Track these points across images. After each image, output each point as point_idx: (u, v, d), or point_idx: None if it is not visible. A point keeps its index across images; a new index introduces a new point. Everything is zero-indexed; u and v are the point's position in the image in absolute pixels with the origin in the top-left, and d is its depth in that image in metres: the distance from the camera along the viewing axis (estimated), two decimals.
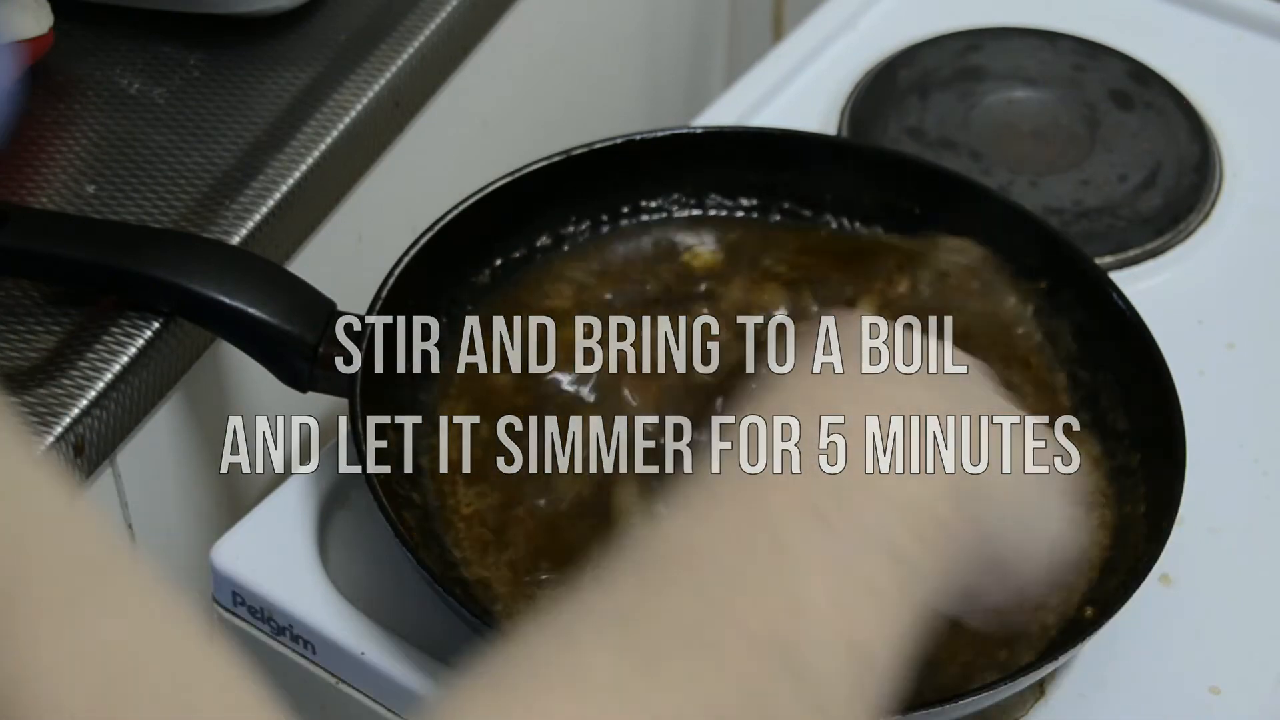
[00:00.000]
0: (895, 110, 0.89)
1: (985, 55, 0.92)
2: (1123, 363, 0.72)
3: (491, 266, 0.76)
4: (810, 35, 0.94)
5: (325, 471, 0.71)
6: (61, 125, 0.79)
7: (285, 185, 0.77)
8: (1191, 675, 0.66)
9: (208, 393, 0.76)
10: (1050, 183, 0.86)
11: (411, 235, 0.72)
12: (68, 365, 0.69)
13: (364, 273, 0.71)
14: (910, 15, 0.96)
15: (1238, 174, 0.87)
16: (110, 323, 0.70)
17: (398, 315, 0.70)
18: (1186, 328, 0.79)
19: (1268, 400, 0.77)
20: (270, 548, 0.68)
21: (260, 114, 0.80)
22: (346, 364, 0.68)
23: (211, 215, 0.75)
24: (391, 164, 0.84)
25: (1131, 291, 0.73)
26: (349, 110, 0.80)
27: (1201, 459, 0.67)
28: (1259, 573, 0.70)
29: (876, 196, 0.78)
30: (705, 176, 0.79)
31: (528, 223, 0.76)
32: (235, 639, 0.69)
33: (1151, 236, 0.83)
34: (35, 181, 0.77)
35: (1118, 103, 0.90)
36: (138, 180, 0.77)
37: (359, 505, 0.70)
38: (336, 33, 0.84)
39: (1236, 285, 0.82)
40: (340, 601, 0.67)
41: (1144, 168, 0.86)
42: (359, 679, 0.66)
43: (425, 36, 0.84)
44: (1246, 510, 0.72)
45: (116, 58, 0.83)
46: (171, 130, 0.79)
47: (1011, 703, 0.65)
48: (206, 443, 0.78)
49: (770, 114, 0.89)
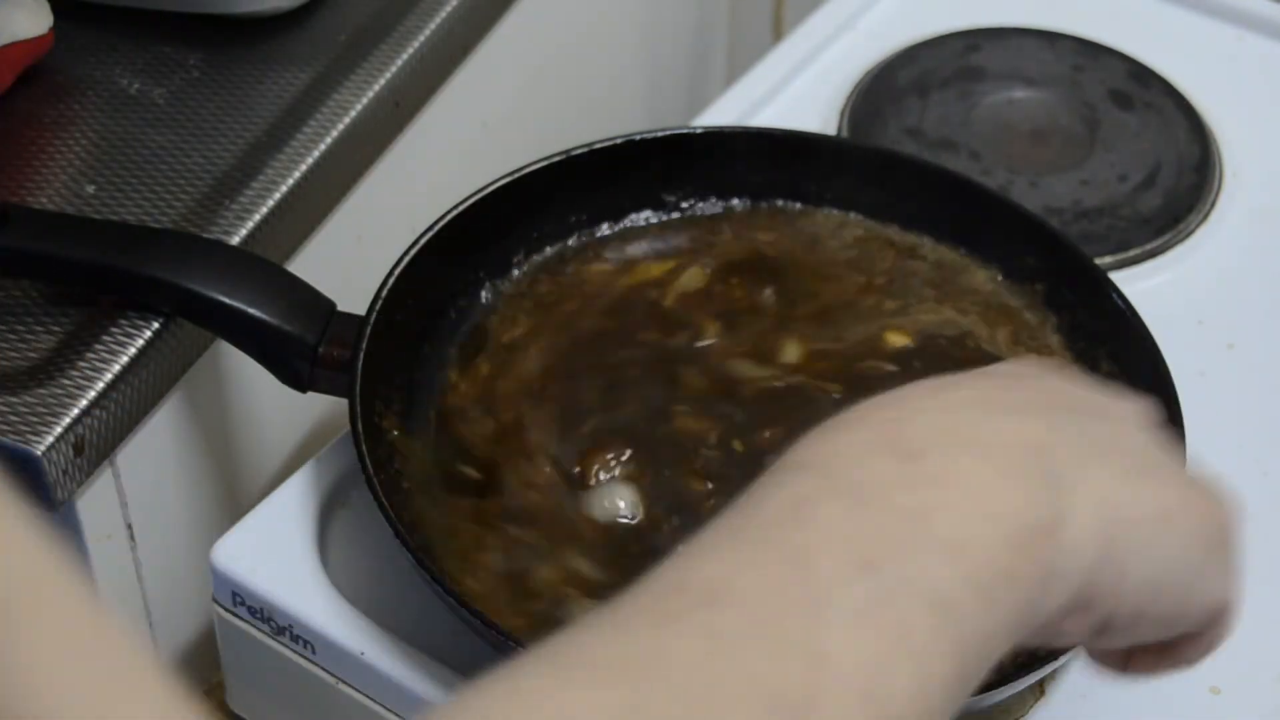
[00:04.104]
0: (895, 110, 0.89)
1: (985, 55, 0.92)
2: (1123, 363, 0.72)
3: (492, 267, 0.76)
4: (810, 35, 0.94)
5: (325, 471, 0.71)
6: (61, 125, 0.79)
7: (285, 185, 0.77)
8: (1191, 675, 0.66)
9: (208, 393, 0.76)
10: (1050, 183, 0.86)
11: (411, 235, 0.72)
12: (68, 365, 0.69)
13: (364, 273, 0.71)
14: (910, 15, 0.96)
15: (1238, 174, 0.87)
16: (110, 323, 0.70)
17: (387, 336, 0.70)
18: (1186, 328, 0.79)
19: (1268, 400, 0.77)
20: (270, 548, 0.68)
21: (260, 114, 0.80)
22: (346, 364, 0.68)
23: (211, 215, 0.75)
24: (391, 164, 0.84)
25: (1131, 291, 0.73)
26: (349, 110, 0.80)
27: (1201, 459, 0.67)
28: (1259, 573, 0.70)
29: (876, 196, 0.78)
30: (705, 176, 0.79)
31: (527, 223, 0.76)
32: (235, 639, 0.69)
33: (1151, 236, 0.83)
34: (35, 181, 0.77)
35: (1118, 103, 0.90)
36: (138, 180, 0.77)
37: (359, 505, 0.70)
38: (336, 33, 0.84)
39: (1236, 285, 0.82)
40: (340, 601, 0.66)
41: (1144, 168, 0.86)
42: (359, 679, 0.66)
43: (425, 36, 0.84)
44: (1246, 511, 0.72)
45: (116, 58, 0.83)
46: (171, 130, 0.79)
47: (1011, 703, 0.65)
48: (206, 443, 0.78)
49: (770, 114, 0.90)
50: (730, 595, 0.39)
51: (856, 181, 0.78)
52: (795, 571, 0.40)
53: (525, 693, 0.37)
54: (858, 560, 0.40)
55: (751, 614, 0.39)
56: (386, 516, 0.63)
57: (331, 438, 0.72)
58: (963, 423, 0.44)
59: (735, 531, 0.42)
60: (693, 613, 0.39)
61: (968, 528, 0.42)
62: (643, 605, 0.40)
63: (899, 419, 0.44)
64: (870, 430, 0.44)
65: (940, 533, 0.41)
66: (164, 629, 0.78)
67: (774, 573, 0.40)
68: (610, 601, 0.40)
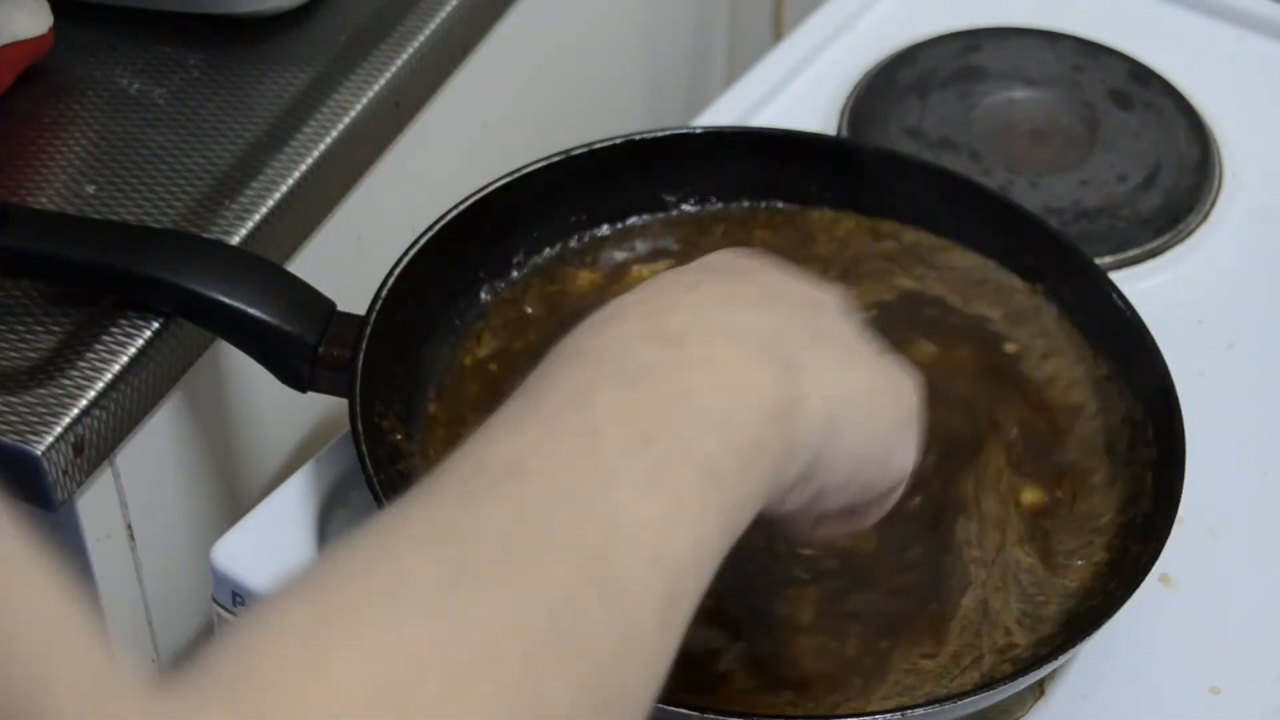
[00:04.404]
0: (895, 110, 0.89)
1: (985, 55, 0.92)
2: (1122, 363, 0.72)
3: (492, 267, 0.76)
4: (810, 35, 0.94)
5: (325, 471, 0.71)
6: (61, 125, 0.79)
7: (285, 185, 0.77)
8: (1191, 675, 0.66)
9: (208, 393, 0.77)
10: (1050, 183, 0.86)
11: (411, 235, 0.72)
12: (68, 365, 0.69)
13: (364, 273, 0.71)
14: (910, 15, 0.96)
15: (1238, 174, 0.87)
16: (110, 323, 0.70)
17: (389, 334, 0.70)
18: (1186, 328, 0.79)
19: (1268, 400, 0.77)
20: (270, 548, 0.68)
21: (260, 114, 0.80)
22: (346, 364, 0.68)
23: (211, 215, 0.75)
24: (391, 164, 0.84)
25: (1131, 291, 0.73)
26: (349, 110, 0.80)
27: (1201, 459, 0.67)
28: (1259, 573, 0.70)
29: (876, 196, 0.78)
30: (705, 176, 0.79)
31: (527, 223, 0.76)
32: None
33: (1151, 236, 0.83)
34: (35, 181, 0.77)
35: (1117, 103, 0.90)
36: (138, 180, 0.77)
37: (359, 505, 0.70)
38: (336, 33, 0.84)
39: (1236, 285, 0.82)
40: None
41: (1144, 168, 0.86)
42: None
43: (425, 36, 0.84)
44: (1246, 510, 0.72)
45: (116, 58, 0.83)
46: (171, 130, 0.79)
47: (1011, 703, 0.65)
48: (206, 443, 0.78)
49: (770, 114, 0.90)
50: (529, 470, 0.43)
51: (856, 181, 0.78)
52: (586, 446, 0.44)
53: (357, 569, 0.40)
54: (638, 435, 0.45)
55: (550, 485, 0.43)
56: None
57: (331, 438, 0.72)
58: (714, 315, 0.50)
59: (524, 415, 0.46)
60: (497, 486, 0.43)
61: (727, 405, 0.47)
62: (447, 485, 0.43)
63: (659, 311, 0.50)
64: (635, 322, 0.49)
65: (704, 409, 0.46)
66: (164, 629, 0.78)
67: (566, 447, 0.44)
68: (413, 487, 0.43)
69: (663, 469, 0.45)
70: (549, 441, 0.45)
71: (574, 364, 0.48)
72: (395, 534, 0.42)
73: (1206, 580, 0.69)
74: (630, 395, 0.46)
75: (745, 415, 0.47)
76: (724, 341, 0.49)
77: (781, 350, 0.50)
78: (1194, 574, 0.69)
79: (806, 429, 0.49)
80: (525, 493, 0.43)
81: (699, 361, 0.48)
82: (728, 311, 0.50)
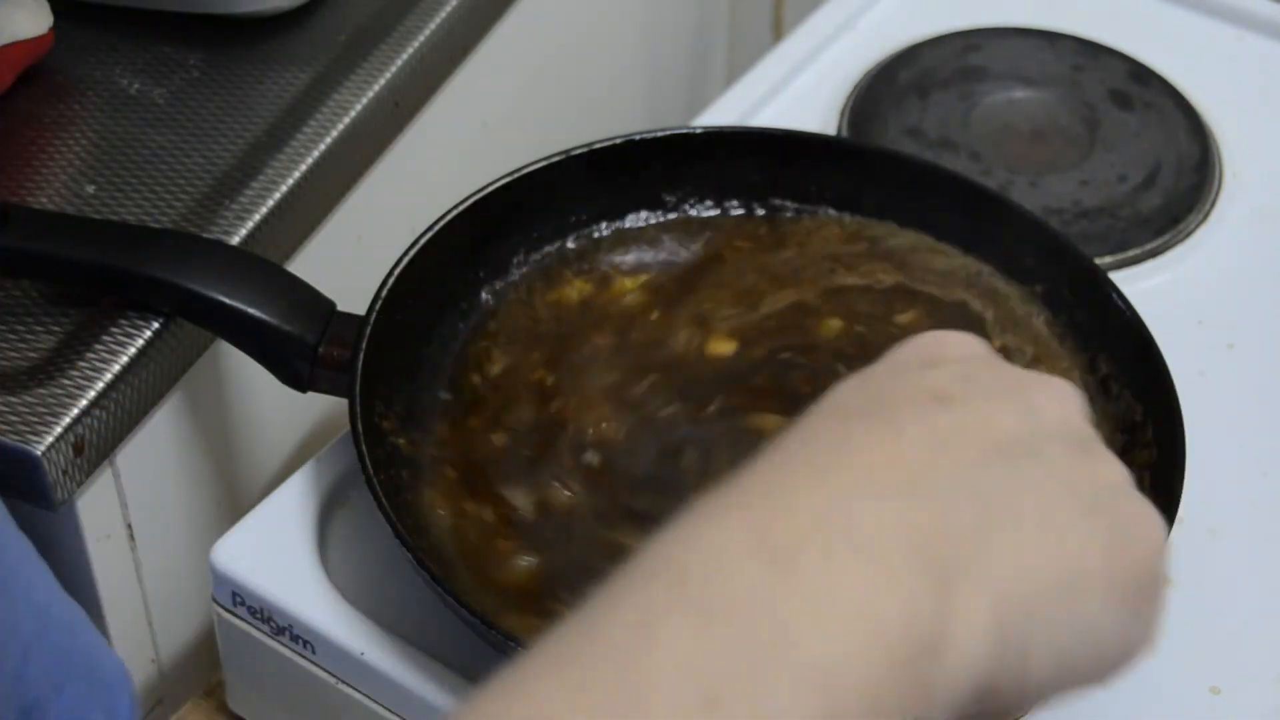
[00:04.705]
0: (895, 110, 0.89)
1: (985, 55, 0.92)
2: (1122, 363, 0.72)
3: (492, 267, 0.76)
4: (810, 35, 0.94)
5: (325, 471, 0.71)
6: (61, 125, 0.79)
7: (285, 185, 0.77)
8: (1191, 675, 0.66)
9: (208, 393, 0.77)
10: (1050, 183, 0.86)
11: (411, 235, 0.72)
12: (68, 365, 0.69)
13: (364, 273, 0.71)
14: (910, 15, 0.96)
15: (1238, 174, 0.87)
16: (110, 323, 0.70)
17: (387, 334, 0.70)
18: (1186, 328, 0.79)
19: (1268, 400, 0.77)
20: (270, 548, 0.68)
21: (260, 114, 0.80)
22: (346, 364, 0.68)
23: (211, 215, 0.75)
24: (391, 164, 0.84)
25: (1131, 291, 0.73)
26: (349, 110, 0.80)
27: (1201, 459, 0.67)
28: (1259, 573, 0.70)
29: (876, 196, 0.78)
30: (705, 176, 0.79)
31: (527, 223, 0.76)
32: (235, 639, 0.69)
33: (1151, 236, 0.83)
34: (35, 181, 0.77)
35: (1117, 103, 0.90)
36: (138, 180, 0.77)
37: (359, 505, 0.70)
38: (336, 33, 0.84)
39: (1236, 285, 0.82)
40: (340, 601, 0.67)
41: (1144, 168, 0.86)
42: (359, 679, 0.66)
43: (425, 36, 0.84)
44: (1246, 511, 0.72)
45: (116, 58, 0.83)
46: (171, 130, 0.79)
47: None
48: (206, 443, 0.78)
49: (770, 114, 0.90)
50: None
51: (856, 182, 0.78)
52: (628, 707, 0.35)
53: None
54: (701, 696, 0.35)
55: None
56: (386, 517, 0.63)
57: (331, 438, 0.72)
58: (846, 510, 0.39)
59: (573, 652, 0.37)
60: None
61: (836, 648, 0.37)
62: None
63: (775, 510, 0.39)
64: (739, 526, 0.39)
65: (803, 656, 0.37)
66: (164, 629, 0.78)
67: (606, 707, 0.35)
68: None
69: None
70: (584, 700, 0.35)
71: (647, 584, 0.38)
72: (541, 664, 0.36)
73: (1206, 580, 0.69)
74: (705, 635, 0.36)
75: (860, 661, 0.37)
76: (851, 554, 0.38)
77: (938, 549, 0.39)
78: (1194, 574, 0.69)
79: (958, 669, 0.39)
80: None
81: (809, 587, 0.38)
82: (868, 494, 0.40)
